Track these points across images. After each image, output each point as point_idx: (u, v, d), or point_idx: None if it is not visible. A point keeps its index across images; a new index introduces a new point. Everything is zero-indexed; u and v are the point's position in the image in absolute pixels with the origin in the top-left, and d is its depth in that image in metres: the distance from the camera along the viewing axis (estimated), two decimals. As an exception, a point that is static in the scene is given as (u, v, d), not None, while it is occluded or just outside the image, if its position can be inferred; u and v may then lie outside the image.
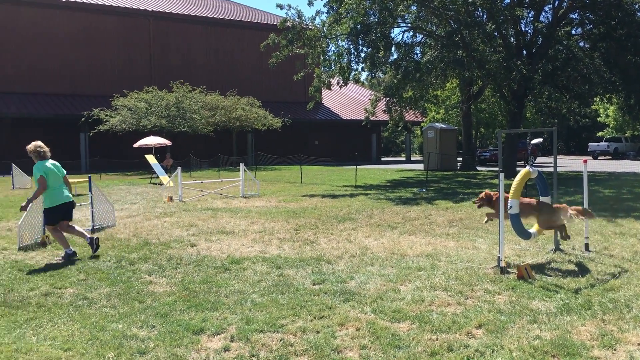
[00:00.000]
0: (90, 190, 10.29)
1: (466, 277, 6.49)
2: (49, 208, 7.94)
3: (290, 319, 5.16)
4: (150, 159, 22.81)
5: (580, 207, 7.72)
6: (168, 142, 27.72)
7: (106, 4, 39.85)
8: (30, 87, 36.34)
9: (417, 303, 5.56)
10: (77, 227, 8.33)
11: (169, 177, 21.10)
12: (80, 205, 12.29)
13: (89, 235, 8.19)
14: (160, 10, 42.22)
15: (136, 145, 26.79)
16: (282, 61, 21.70)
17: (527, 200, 7.82)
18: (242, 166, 17.39)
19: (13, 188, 20.36)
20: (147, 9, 41.59)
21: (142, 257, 7.93)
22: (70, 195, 8.21)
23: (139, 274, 6.99)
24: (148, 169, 26.83)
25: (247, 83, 42.41)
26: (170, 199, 15.57)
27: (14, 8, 36.25)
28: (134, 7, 41.12)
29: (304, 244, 8.85)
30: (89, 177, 10.56)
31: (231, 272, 6.99)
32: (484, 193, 8.06)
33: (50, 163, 7.97)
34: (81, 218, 11.70)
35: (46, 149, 8.03)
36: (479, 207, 8.22)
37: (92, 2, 39.21)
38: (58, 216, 7.99)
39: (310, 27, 20.61)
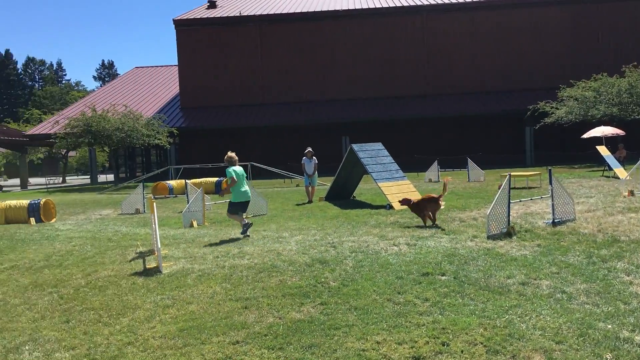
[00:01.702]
0: (550, 182, 10.21)
1: None
2: (233, 202, 10.32)
3: None
4: (602, 150, 21.36)
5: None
6: (620, 132, 25.46)
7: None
8: (477, 86, 38.90)
9: None
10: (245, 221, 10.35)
11: (624, 169, 19.33)
12: (541, 198, 12.39)
13: (246, 221, 10.28)
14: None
15: (585, 136, 25.55)
16: None
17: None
18: None
19: (469, 180, 22.07)
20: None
21: (613, 254, 7.41)
22: (249, 194, 10.55)
23: (614, 272, 6.53)
24: (597, 161, 25.27)
25: None
26: (631, 193, 14.21)
27: (472, 14, 39.47)
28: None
29: None
30: (549, 170, 10.47)
31: None
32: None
33: (238, 168, 10.38)
34: (539, 210, 11.76)
35: (235, 158, 10.52)
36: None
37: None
38: (239, 209, 10.43)
39: None
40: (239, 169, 10.54)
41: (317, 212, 13.82)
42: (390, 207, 13.68)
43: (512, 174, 10.93)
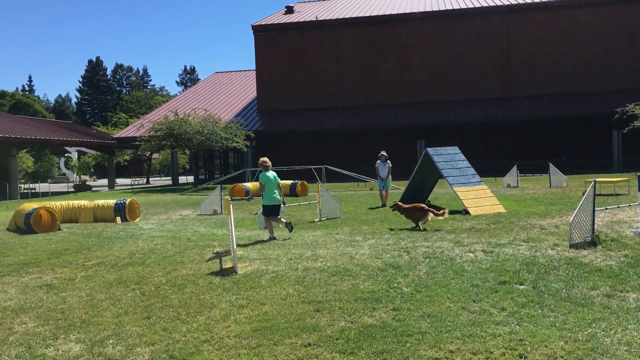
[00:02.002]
0: (639, 189, 9.65)
1: None
2: (265, 205, 10.83)
3: None
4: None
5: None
6: None
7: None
8: (559, 88, 37.34)
9: None
10: (283, 220, 11.01)
11: None
12: (629, 205, 11.73)
13: (284, 221, 10.91)
14: None
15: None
16: None
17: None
18: None
19: (550, 186, 21.23)
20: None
21: None
22: (279, 198, 10.88)
23: None
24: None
25: None
26: None
27: (554, 13, 38.02)
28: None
29: None
30: (639, 176, 9.90)
31: None
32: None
33: (270, 174, 10.79)
34: (626, 219, 11.13)
35: (269, 163, 10.93)
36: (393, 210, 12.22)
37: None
38: (270, 211, 10.86)
39: None
40: (272, 174, 10.93)
41: (390, 216, 13.71)
42: (466, 212, 13.37)
43: (597, 180, 10.44)
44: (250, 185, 23.77)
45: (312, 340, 4.99)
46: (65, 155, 63.29)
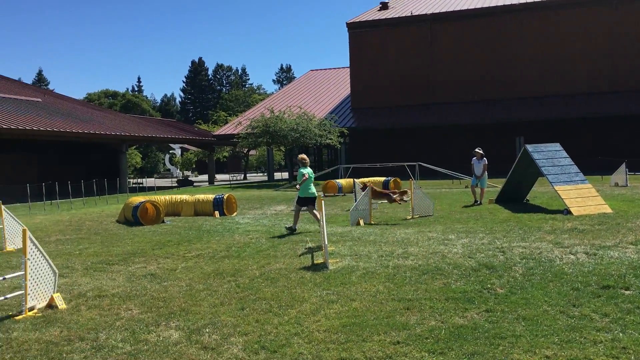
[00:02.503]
0: None
1: None
2: (300, 197, 11.87)
3: None
4: None
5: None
6: None
7: None
8: None
9: None
10: (317, 215, 11.28)
11: None
12: None
13: (318, 216, 11.11)
14: None
15: None
16: None
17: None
18: None
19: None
20: None
21: None
22: (315, 192, 11.92)
23: None
24: None
25: None
26: None
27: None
28: None
29: None
30: None
31: None
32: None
33: (308, 169, 11.80)
34: None
35: (307, 160, 12.12)
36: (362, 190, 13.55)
37: None
38: (304, 203, 11.89)
39: None
40: (309, 170, 11.93)
41: (486, 215, 13.32)
42: (568, 212, 12.71)
43: None
44: (343, 182, 23.93)
45: (401, 338, 4.96)
46: (170, 152, 66.71)
